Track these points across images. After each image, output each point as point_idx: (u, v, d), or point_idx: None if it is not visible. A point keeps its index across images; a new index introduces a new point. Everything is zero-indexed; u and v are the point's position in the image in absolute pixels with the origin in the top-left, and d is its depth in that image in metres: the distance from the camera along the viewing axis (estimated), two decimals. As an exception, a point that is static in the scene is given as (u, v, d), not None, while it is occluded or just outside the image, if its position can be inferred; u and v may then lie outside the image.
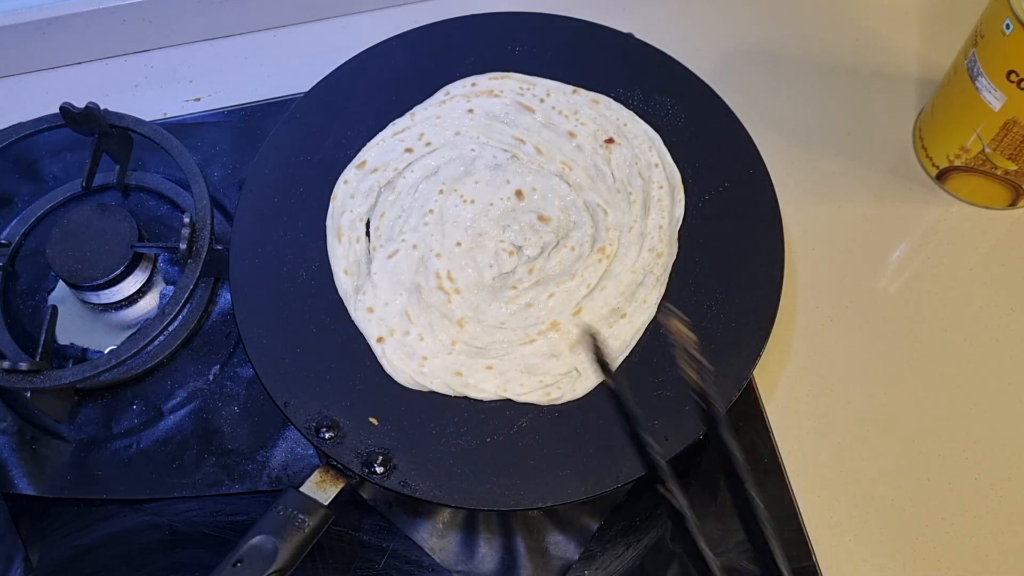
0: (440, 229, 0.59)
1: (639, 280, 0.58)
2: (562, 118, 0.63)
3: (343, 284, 0.58)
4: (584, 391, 0.55)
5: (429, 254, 0.58)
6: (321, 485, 0.55)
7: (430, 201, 0.60)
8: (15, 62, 0.79)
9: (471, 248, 0.59)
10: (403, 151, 0.62)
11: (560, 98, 0.64)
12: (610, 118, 0.63)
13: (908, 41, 0.81)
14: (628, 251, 0.59)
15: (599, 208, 0.60)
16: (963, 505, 0.62)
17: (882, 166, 0.75)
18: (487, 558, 0.60)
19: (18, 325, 0.66)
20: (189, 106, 0.78)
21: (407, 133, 0.62)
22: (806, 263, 0.70)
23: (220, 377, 0.65)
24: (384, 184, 0.61)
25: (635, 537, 0.61)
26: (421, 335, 0.56)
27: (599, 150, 0.62)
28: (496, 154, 0.62)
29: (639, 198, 0.60)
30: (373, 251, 0.59)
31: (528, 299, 0.57)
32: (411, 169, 0.61)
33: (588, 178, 0.61)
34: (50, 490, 0.61)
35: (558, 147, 0.62)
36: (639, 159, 0.62)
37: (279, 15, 0.81)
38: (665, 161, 0.62)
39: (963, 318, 0.69)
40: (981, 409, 0.65)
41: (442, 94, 0.64)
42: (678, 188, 0.61)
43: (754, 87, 0.78)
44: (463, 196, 0.60)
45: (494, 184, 0.61)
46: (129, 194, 0.71)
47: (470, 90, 0.64)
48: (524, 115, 0.63)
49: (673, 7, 0.83)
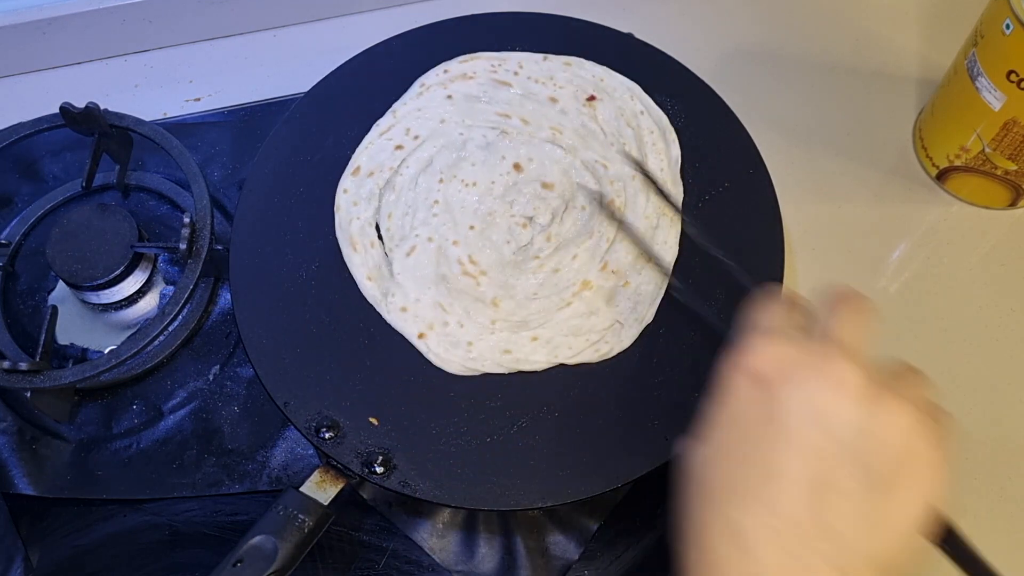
0: (450, 217, 0.59)
1: (654, 224, 0.60)
2: (540, 86, 0.63)
3: (369, 291, 0.58)
4: (631, 339, 0.56)
5: (446, 244, 0.59)
6: (321, 485, 0.55)
7: (433, 192, 0.60)
8: (15, 62, 0.79)
9: (485, 229, 0.59)
10: (393, 149, 0.62)
11: (534, 67, 0.64)
12: (586, 77, 0.64)
13: (908, 41, 0.81)
14: (636, 199, 0.60)
15: (598, 164, 0.61)
16: (963, 505, 0.62)
17: (882, 166, 0.75)
18: (487, 558, 0.60)
19: (18, 325, 0.66)
20: (189, 106, 0.78)
21: (393, 131, 0.62)
22: (806, 263, 0.70)
23: (220, 377, 0.65)
24: (383, 185, 0.61)
25: (635, 537, 0.61)
26: (460, 322, 0.56)
27: (583, 109, 0.63)
28: (485, 133, 0.62)
29: (633, 147, 0.61)
30: (390, 252, 0.59)
31: (553, 265, 0.58)
32: (406, 165, 0.61)
33: (579, 138, 0.62)
34: (50, 490, 0.61)
35: (543, 114, 0.62)
36: (623, 110, 0.63)
37: (279, 15, 0.81)
38: (649, 107, 0.63)
39: (963, 318, 0.69)
40: (981, 409, 0.65)
41: (418, 86, 0.64)
42: (668, 130, 0.62)
43: (754, 87, 0.78)
44: (464, 181, 0.60)
45: (490, 163, 0.61)
46: (129, 194, 0.71)
47: (444, 77, 0.64)
48: (502, 90, 0.63)
49: (673, 7, 0.83)
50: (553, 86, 0.63)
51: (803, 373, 0.38)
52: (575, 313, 0.57)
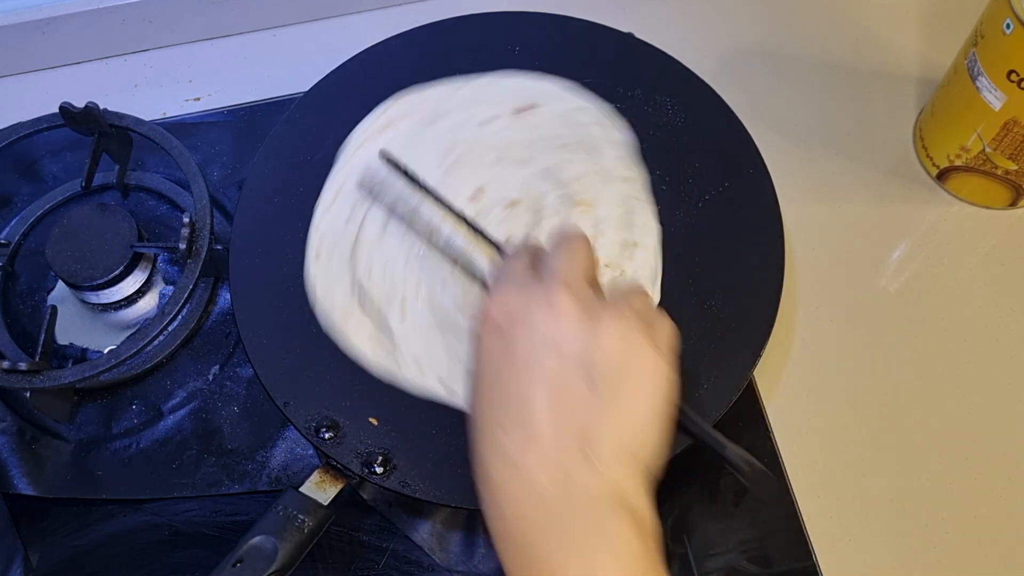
0: (431, 262, 0.58)
1: (629, 209, 0.59)
2: (472, 111, 0.63)
3: (382, 365, 0.55)
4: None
5: (435, 289, 0.57)
6: (321, 485, 0.55)
7: (404, 240, 0.59)
8: (14, 62, 0.79)
9: (465, 264, 0.58)
10: (345, 222, 0.59)
11: (458, 95, 0.63)
12: (515, 88, 0.63)
13: (908, 41, 0.81)
14: (601, 191, 0.60)
15: (551, 172, 0.60)
16: (963, 505, 0.62)
17: (882, 166, 0.75)
18: (487, 558, 0.60)
19: (18, 325, 0.66)
20: (189, 106, 0.78)
21: (341, 199, 0.60)
22: (806, 263, 0.70)
23: (220, 377, 0.65)
24: (350, 252, 0.58)
25: (635, 537, 0.61)
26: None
27: (520, 122, 0.62)
28: (441, 166, 0.60)
29: (577, 145, 0.61)
30: (383, 317, 0.57)
31: None
32: (365, 224, 0.59)
33: (526, 150, 0.61)
34: (50, 490, 0.61)
35: (482, 140, 0.62)
36: (562, 111, 0.62)
37: (279, 15, 0.81)
38: (584, 105, 0.63)
39: (963, 318, 0.69)
40: (981, 409, 0.65)
41: (354, 146, 0.62)
42: (611, 117, 0.62)
43: (754, 87, 0.78)
44: (429, 223, 0.59)
45: (450, 198, 0.59)
46: (129, 194, 0.71)
47: (374, 130, 0.62)
48: (437, 124, 0.62)
49: (673, 7, 0.82)
50: (485, 106, 0.63)
51: (528, 309, 0.45)
52: None
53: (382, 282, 0.58)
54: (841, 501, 0.62)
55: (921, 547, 0.61)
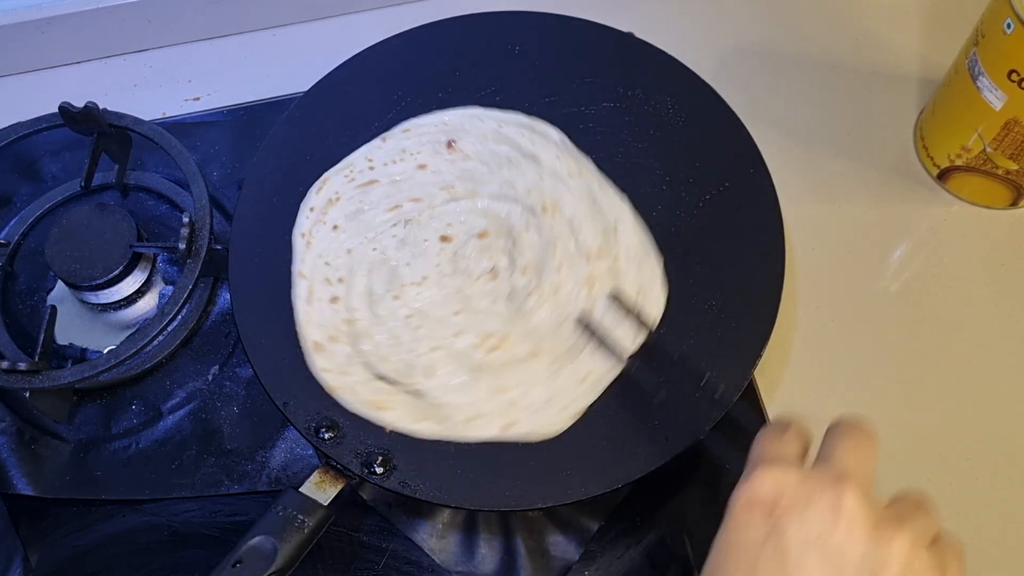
0: (432, 320, 0.57)
1: (591, 198, 0.60)
2: (401, 164, 0.62)
3: (432, 432, 0.54)
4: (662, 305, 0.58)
5: (448, 341, 0.56)
6: (321, 485, 0.55)
7: (398, 312, 0.57)
8: (14, 62, 0.79)
9: (468, 307, 0.58)
10: (330, 303, 0.58)
11: (381, 153, 0.63)
12: (430, 129, 0.63)
13: (908, 41, 0.81)
14: (560, 192, 0.60)
15: (504, 191, 0.61)
16: (963, 505, 0.62)
17: (883, 166, 0.74)
18: (487, 558, 0.60)
19: (17, 325, 0.66)
20: (188, 106, 0.78)
21: (316, 290, 0.58)
22: (806, 263, 0.70)
23: (219, 377, 0.65)
24: (355, 340, 0.57)
25: (635, 537, 0.61)
26: (524, 391, 0.55)
27: (451, 157, 0.62)
28: (394, 234, 0.60)
29: (518, 158, 0.62)
30: (413, 388, 0.55)
31: (550, 288, 0.57)
32: (354, 309, 0.58)
33: (471, 181, 0.61)
34: (49, 490, 0.61)
35: (424, 184, 0.61)
36: (484, 134, 0.63)
37: (279, 15, 0.81)
38: (504, 119, 0.63)
39: (963, 318, 0.68)
40: (981, 409, 0.65)
41: (301, 239, 0.60)
42: (535, 124, 0.63)
43: (754, 87, 0.78)
44: (413, 283, 0.58)
45: (420, 253, 0.59)
46: (128, 194, 0.71)
47: (316, 215, 0.60)
48: (374, 190, 0.61)
49: (673, 6, 0.82)
50: (411, 156, 0.62)
51: (807, 503, 0.39)
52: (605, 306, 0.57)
53: (399, 359, 0.56)
54: (841, 501, 0.62)
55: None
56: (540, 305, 0.57)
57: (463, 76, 0.65)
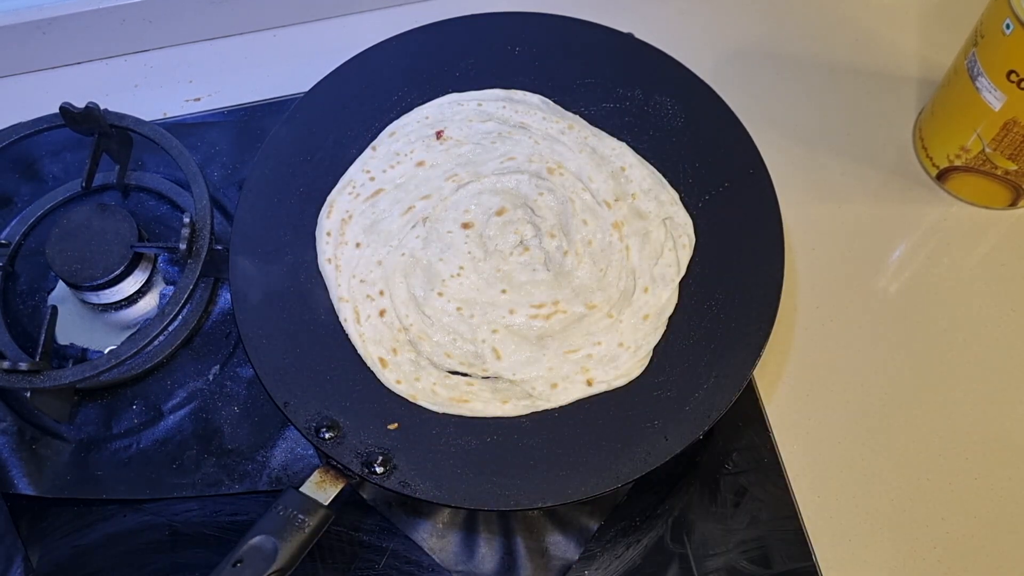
0: (482, 306, 0.57)
1: (590, 147, 0.62)
2: (400, 167, 0.62)
3: (509, 411, 0.55)
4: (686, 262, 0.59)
5: (504, 320, 0.57)
6: (321, 485, 0.55)
7: (450, 307, 0.58)
8: (15, 62, 0.79)
9: (511, 283, 0.58)
10: (379, 315, 0.58)
11: (377, 163, 0.62)
12: (415, 127, 0.63)
13: (908, 41, 0.81)
14: (559, 150, 0.62)
15: (506, 165, 0.61)
16: (963, 505, 0.62)
17: (882, 166, 0.75)
18: (487, 558, 0.60)
19: (18, 325, 0.66)
20: (189, 106, 0.78)
21: (360, 307, 0.58)
22: (806, 263, 0.70)
23: (220, 377, 0.65)
24: (410, 334, 0.57)
25: (635, 537, 0.61)
26: (596, 343, 0.56)
27: (444, 147, 0.63)
28: (416, 235, 0.60)
29: (507, 130, 0.63)
30: (482, 371, 0.56)
31: (583, 244, 0.59)
32: (403, 316, 0.58)
33: (471, 164, 0.62)
34: (50, 490, 0.61)
35: (427, 180, 0.62)
36: (468, 117, 0.63)
37: (279, 15, 0.81)
38: (481, 97, 0.64)
39: (963, 318, 0.69)
40: (981, 409, 0.65)
41: (329, 266, 0.59)
42: (512, 94, 0.64)
43: (754, 87, 0.78)
44: (452, 275, 0.58)
45: (448, 245, 0.59)
46: (129, 194, 0.71)
47: (335, 239, 0.60)
48: (382, 199, 0.61)
49: (673, 7, 0.83)
50: (406, 156, 0.62)
51: None
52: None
53: (454, 348, 0.57)
54: (841, 501, 0.62)
55: (921, 547, 0.61)
56: (579, 263, 0.58)
57: (463, 76, 0.65)
